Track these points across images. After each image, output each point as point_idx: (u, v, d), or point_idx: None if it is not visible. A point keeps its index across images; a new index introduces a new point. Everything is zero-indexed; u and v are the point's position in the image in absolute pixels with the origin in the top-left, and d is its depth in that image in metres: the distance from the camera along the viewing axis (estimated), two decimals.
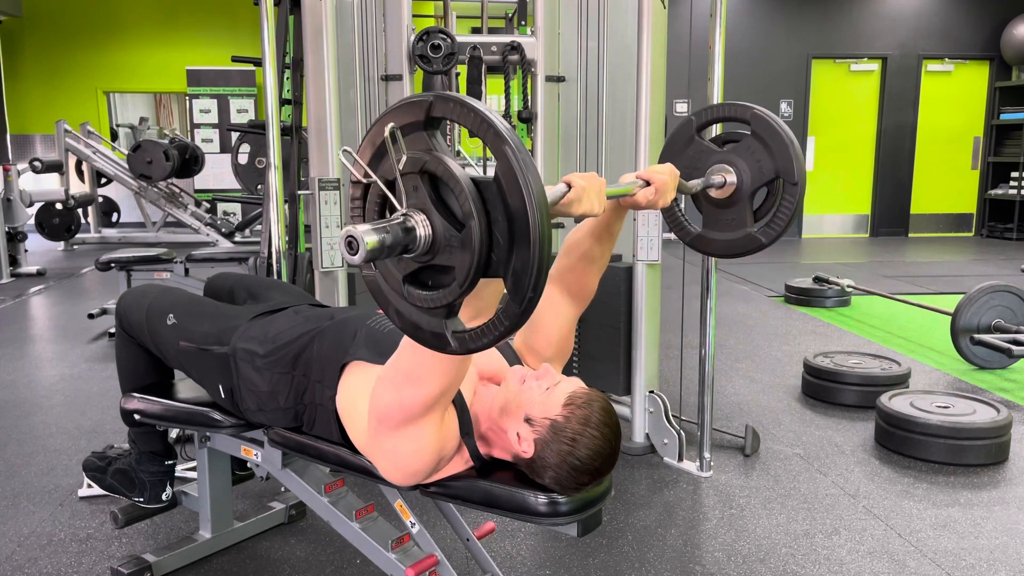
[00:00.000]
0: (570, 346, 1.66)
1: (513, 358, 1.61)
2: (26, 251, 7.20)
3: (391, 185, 1.04)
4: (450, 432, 1.42)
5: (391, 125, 1.01)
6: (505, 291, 1.01)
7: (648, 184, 1.47)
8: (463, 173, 0.98)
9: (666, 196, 1.49)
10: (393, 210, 1.04)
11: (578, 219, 1.48)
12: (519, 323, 1.00)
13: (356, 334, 1.57)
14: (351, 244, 0.96)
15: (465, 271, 1.00)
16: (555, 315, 1.59)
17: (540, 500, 1.40)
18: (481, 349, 1.04)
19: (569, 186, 1.28)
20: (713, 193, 1.70)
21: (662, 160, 1.79)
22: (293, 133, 3.61)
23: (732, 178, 1.67)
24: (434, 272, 1.05)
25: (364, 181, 1.07)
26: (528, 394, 1.41)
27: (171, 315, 1.86)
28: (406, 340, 1.30)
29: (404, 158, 1.01)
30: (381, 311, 1.63)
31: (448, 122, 1.01)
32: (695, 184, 1.64)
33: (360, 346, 1.54)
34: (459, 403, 1.46)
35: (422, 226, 1.01)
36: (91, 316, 4.80)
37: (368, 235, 0.96)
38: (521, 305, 0.99)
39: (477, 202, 0.98)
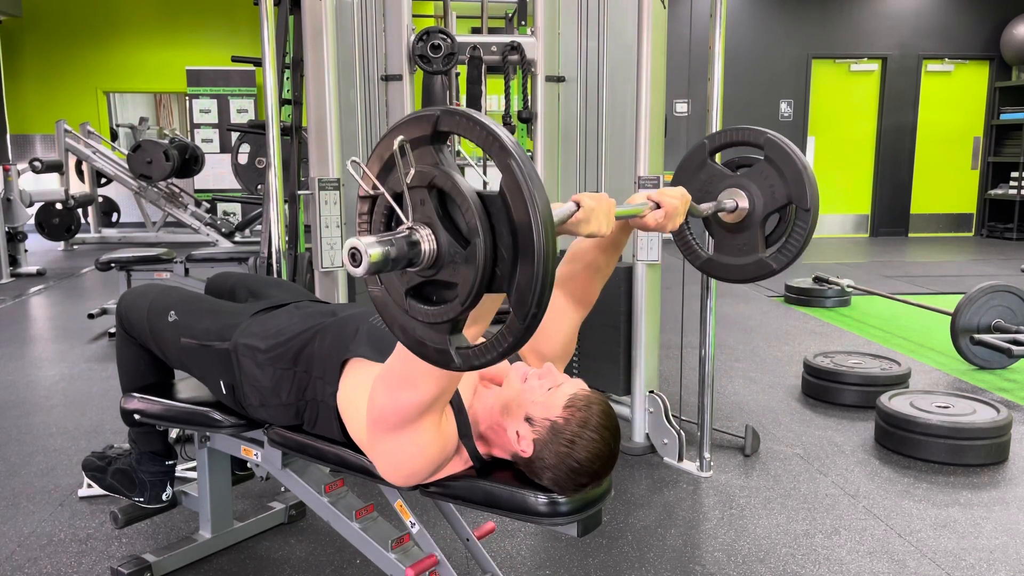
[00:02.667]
0: (572, 348, 1.67)
1: (514, 357, 1.61)
2: (26, 251, 7.20)
3: (398, 198, 1.04)
4: (449, 434, 1.42)
5: (400, 138, 1.01)
6: (509, 306, 1.00)
7: (658, 206, 1.46)
8: (470, 188, 0.99)
9: (675, 220, 1.49)
10: (399, 223, 1.04)
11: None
12: (523, 339, 1.00)
13: (358, 331, 1.57)
14: (354, 256, 0.96)
15: (469, 287, 1.00)
16: (560, 320, 1.60)
17: (540, 500, 1.40)
18: (485, 366, 1.04)
19: (578, 205, 1.27)
20: (725, 217, 1.70)
21: (674, 182, 1.78)
22: (293, 133, 3.61)
23: (744, 203, 1.67)
24: (438, 287, 1.05)
25: (372, 193, 1.07)
26: (530, 393, 1.41)
27: (172, 312, 1.86)
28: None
29: (412, 172, 1.01)
30: None
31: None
32: (706, 208, 1.64)
33: (361, 343, 1.54)
34: (457, 405, 1.46)
35: (427, 240, 1.01)
36: (91, 316, 4.80)
37: (372, 247, 0.96)
38: (525, 321, 0.99)
39: (483, 218, 0.98)
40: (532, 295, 0.97)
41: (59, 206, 8.04)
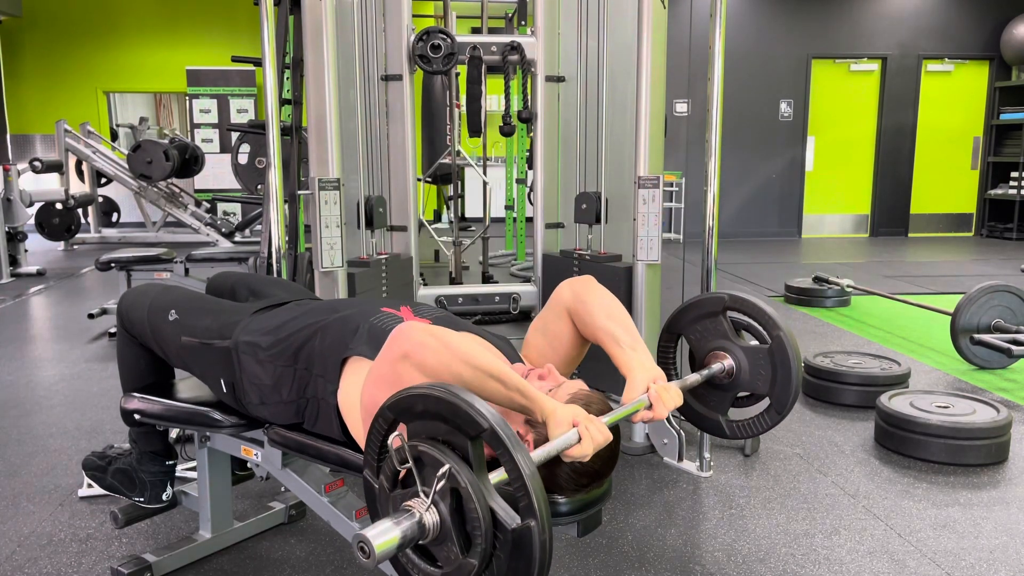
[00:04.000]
0: (577, 364, 1.72)
1: (515, 357, 1.61)
2: (26, 251, 7.20)
3: (419, 463, 1.08)
4: None
5: (449, 467, 1.03)
6: None
7: (650, 407, 1.48)
8: (487, 512, 1.02)
9: (658, 420, 1.51)
10: (410, 485, 1.08)
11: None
12: None
13: (358, 329, 1.57)
14: (363, 550, 1.00)
15: None
16: (571, 348, 1.66)
17: None
18: None
19: (579, 438, 1.27)
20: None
21: (678, 316, 1.81)
22: (293, 133, 3.61)
23: (731, 367, 1.71)
24: (429, 551, 1.09)
25: (397, 465, 1.09)
26: None
27: (173, 311, 1.86)
28: None
29: (444, 483, 1.04)
30: (385, 308, 1.65)
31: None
32: (695, 380, 1.68)
33: (361, 342, 1.54)
34: None
35: (433, 519, 1.05)
36: (91, 316, 4.80)
37: (379, 538, 1.00)
38: None
39: (488, 544, 1.02)
40: None
41: (59, 206, 8.04)
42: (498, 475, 1.07)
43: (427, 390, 1.08)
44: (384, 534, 1.01)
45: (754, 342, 1.74)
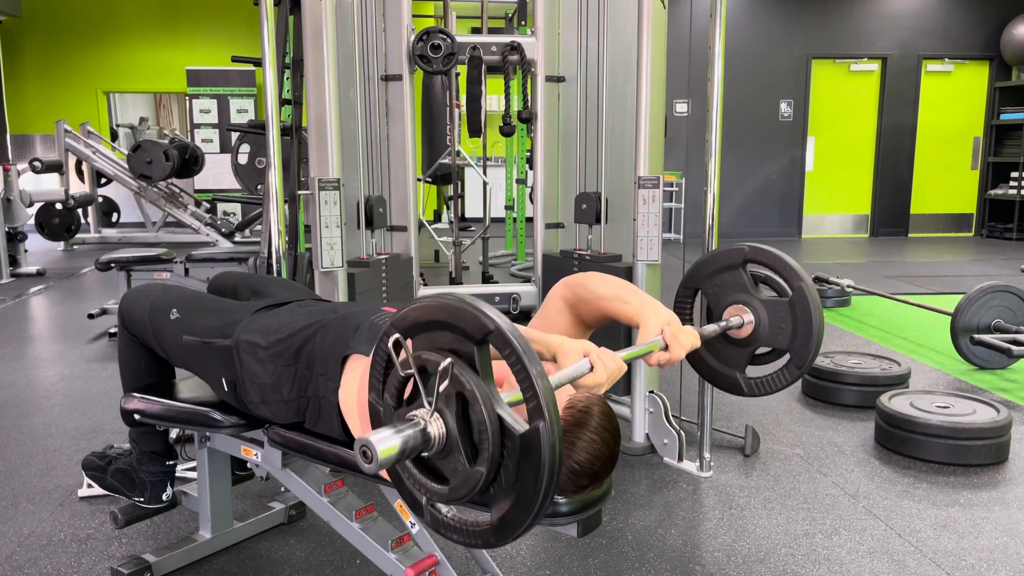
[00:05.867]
0: None
1: None
2: (26, 251, 7.20)
3: (424, 373, 1.04)
4: None
5: (449, 361, 1.00)
6: (488, 522, 1.03)
7: (667, 348, 1.46)
8: (494, 416, 0.98)
9: (675, 361, 1.49)
10: (415, 397, 1.05)
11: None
12: (490, 547, 1.04)
13: (359, 327, 1.57)
14: (365, 454, 0.96)
15: (460, 493, 1.02)
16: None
17: None
18: (444, 536, 1.08)
19: (591, 367, 1.27)
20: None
21: (697, 270, 1.78)
22: (293, 133, 3.61)
23: (749, 326, 1.68)
24: (434, 466, 1.06)
25: (400, 373, 1.06)
26: None
27: (174, 310, 1.86)
28: None
29: (448, 383, 1.00)
30: (387, 308, 1.65)
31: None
32: (712, 331, 1.65)
33: (362, 340, 1.54)
34: None
35: (439, 430, 1.02)
36: (91, 316, 4.80)
37: (383, 443, 0.97)
38: (499, 541, 1.02)
39: (496, 450, 0.99)
40: (512, 532, 1.00)
41: (59, 206, 8.04)
42: (506, 395, 1.04)
43: (432, 300, 1.03)
44: (388, 439, 0.97)
45: (773, 295, 1.71)
